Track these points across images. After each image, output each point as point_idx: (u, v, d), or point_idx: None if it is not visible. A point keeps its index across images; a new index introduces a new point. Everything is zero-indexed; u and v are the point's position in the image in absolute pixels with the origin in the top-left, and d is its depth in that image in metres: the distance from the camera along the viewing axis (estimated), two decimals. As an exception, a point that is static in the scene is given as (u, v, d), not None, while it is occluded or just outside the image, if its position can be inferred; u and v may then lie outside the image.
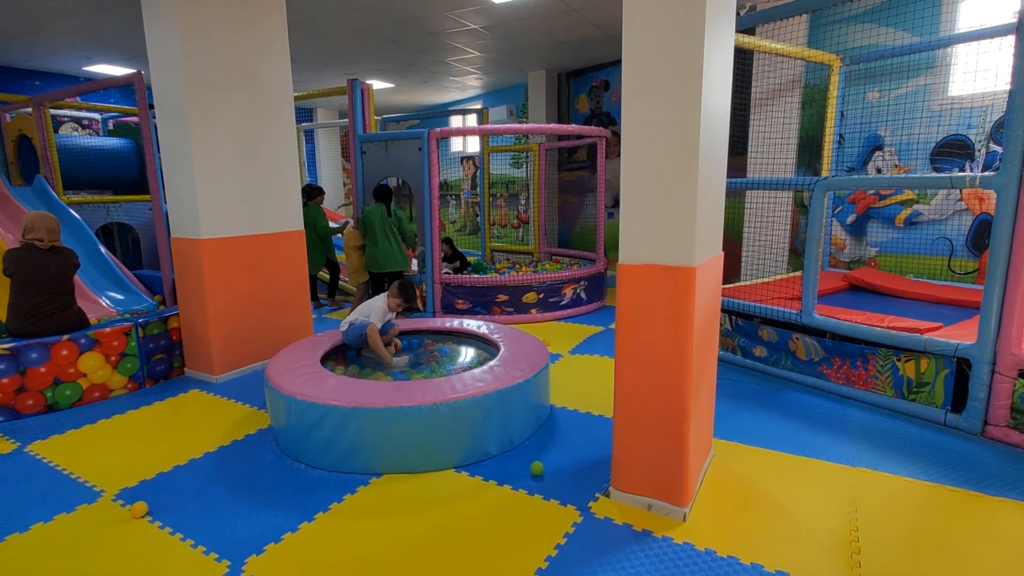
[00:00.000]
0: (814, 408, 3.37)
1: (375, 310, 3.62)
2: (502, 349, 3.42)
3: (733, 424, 3.13)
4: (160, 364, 4.09)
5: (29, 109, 6.02)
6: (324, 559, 2.09)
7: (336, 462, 2.72)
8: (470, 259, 7.21)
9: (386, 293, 3.71)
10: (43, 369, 3.49)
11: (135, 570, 2.06)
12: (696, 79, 2.02)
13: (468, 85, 9.26)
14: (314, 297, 6.40)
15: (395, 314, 3.76)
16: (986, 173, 2.89)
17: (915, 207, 4.73)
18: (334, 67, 7.75)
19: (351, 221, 6.61)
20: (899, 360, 3.26)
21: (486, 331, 3.85)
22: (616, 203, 7.88)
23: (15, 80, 7.37)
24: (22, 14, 5.34)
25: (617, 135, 7.71)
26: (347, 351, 3.77)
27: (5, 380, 3.38)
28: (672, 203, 2.14)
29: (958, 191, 4.48)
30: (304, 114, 10.98)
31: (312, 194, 6.18)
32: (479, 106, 9.66)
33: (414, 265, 6.12)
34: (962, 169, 4.45)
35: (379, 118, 8.11)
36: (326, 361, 3.46)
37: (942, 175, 3.08)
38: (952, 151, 4.49)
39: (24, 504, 2.49)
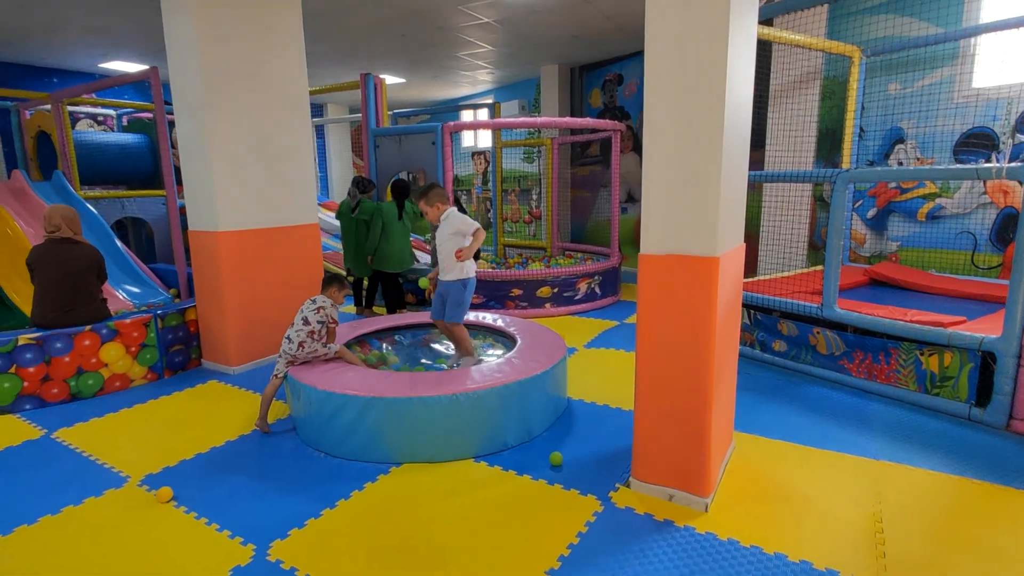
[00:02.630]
0: (835, 402, 3.33)
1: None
2: (519, 341, 3.42)
3: (753, 417, 3.11)
4: (178, 355, 4.13)
5: (48, 106, 6.10)
6: (347, 544, 2.11)
7: (356, 451, 2.73)
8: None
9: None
10: (67, 359, 3.54)
11: (164, 552, 2.09)
12: (720, 66, 2.00)
13: (480, 80, 9.25)
14: (368, 304, 5.74)
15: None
16: (1012, 164, 2.84)
17: (938, 201, 4.66)
18: (345, 62, 7.77)
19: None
20: (922, 354, 3.22)
21: (502, 324, 3.85)
22: (630, 198, 7.86)
23: (34, 78, 7.46)
24: (42, 13, 5.41)
25: (631, 129, 7.67)
26: (371, 340, 3.82)
27: (31, 369, 3.44)
28: (695, 191, 2.12)
29: (982, 184, 4.41)
30: (314, 110, 11.03)
31: (367, 187, 5.47)
32: (491, 101, 9.66)
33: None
34: (987, 161, 4.37)
35: (390, 113, 8.12)
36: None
37: (967, 167, 3.05)
38: (976, 143, 4.42)
39: (54, 488, 2.54)
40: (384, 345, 3.93)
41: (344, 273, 5.83)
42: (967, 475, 2.51)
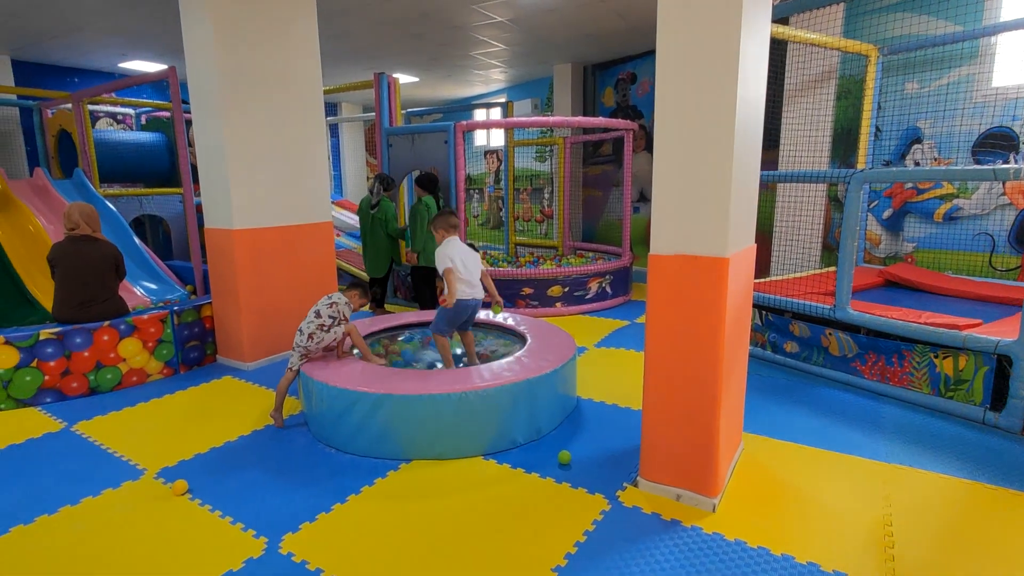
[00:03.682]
0: (847, 404, 3.31)
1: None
2: (529, 340, 3.44)
3: (763, 419, 3.10)
4: (194, 351, 4.20)
5: (69, 105, 6.23)
6: (357, 538, 2.14)
7: (367, 447, 2.77)
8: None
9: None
10: (86, 353, 3.62)
11: (180, 543, 2.14)
12: (732, 64, 2.00)
13: (492, 79, 9.27)
14: (380, 303, 5.74)
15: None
16: (1032, 164, 2.80)
17: (955, 202, 4.60)
18: (359, 61, 7.83)
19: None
20: (936, 357, 3.18)
21: (512, 323, 3.87)
22: (642, 198, 7.83)
23: (56, 77, 7.61)
24: (64, 14, 5.52)
25: (644, 128, 7.64)
26: (399, 337, 3.95)
27: (52, 363, 3.52)
28: (705, 192, 2.12)
29: (1001, 185, 4.35)
30: (329, 109, 11.11)
31: (389, 185, 5.41)
32: (503, 100, 9.67)
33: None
34: (1006, 162, 4.30)
35: (404, 112, 8.15)
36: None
37: (984, 167, 3.00)
38: (995, 144, 4.35)
39: (73, 479, 2.60)
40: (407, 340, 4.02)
41: (368, 282, 5.74)
42: (980, 480, 2.48)
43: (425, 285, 5.29)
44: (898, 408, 3.25)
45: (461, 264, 3.22)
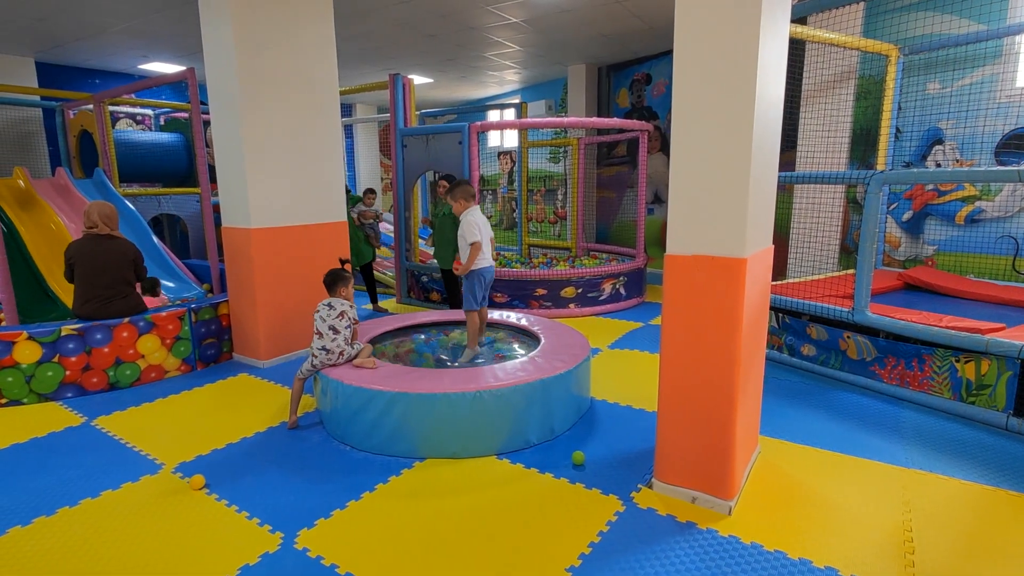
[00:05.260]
0: (865, 408, 3.26)
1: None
2: (543, 341, 3.43)
3: (780, 422, 3.07)
4: (211, 348, 4.25)
5: (90, 106, 6.34)
6: (371, 535, 2.15)
7: (381, 445, 2.78)
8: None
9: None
10: (106, 349, 3.68)
11: (198, 537, 2.16)
12: (751, 64, 1.98)
13: (507, 80, 9.28)
14: (374, 300, 5.97)
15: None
16: (1059, 165, 2.74)
17: (977, 204, 4.51)
18: (374, 62, 7.88)
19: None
20: (958, 361, 3.13)
21: (526, 323, 3.87)
22: (656, 199, 7.79)
23: (78, 79, 7.74)
24: (87, 17, 5.62)
25: (659, 129, 7.61)
26: (408, 337, 3.97)
27: (73, 358, 3.59)
28: (723, 192, 2.10)
29: (1024, 187, 4.26)
30: (343, 109, 11.19)
31: None
32: (517, 100, 9.67)
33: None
34: (1029, 163, 4.23)
35: (418, 112, 8.18)
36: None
37: (1008, 168, 2.94)
38: (1019, 145, 4.27)
39: (93, 473, 2.65)
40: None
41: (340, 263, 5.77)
42: (1003, 486, 2.43)
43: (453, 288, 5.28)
44: (918, 413, 3.20)
45: (481, 234, 3.57)
